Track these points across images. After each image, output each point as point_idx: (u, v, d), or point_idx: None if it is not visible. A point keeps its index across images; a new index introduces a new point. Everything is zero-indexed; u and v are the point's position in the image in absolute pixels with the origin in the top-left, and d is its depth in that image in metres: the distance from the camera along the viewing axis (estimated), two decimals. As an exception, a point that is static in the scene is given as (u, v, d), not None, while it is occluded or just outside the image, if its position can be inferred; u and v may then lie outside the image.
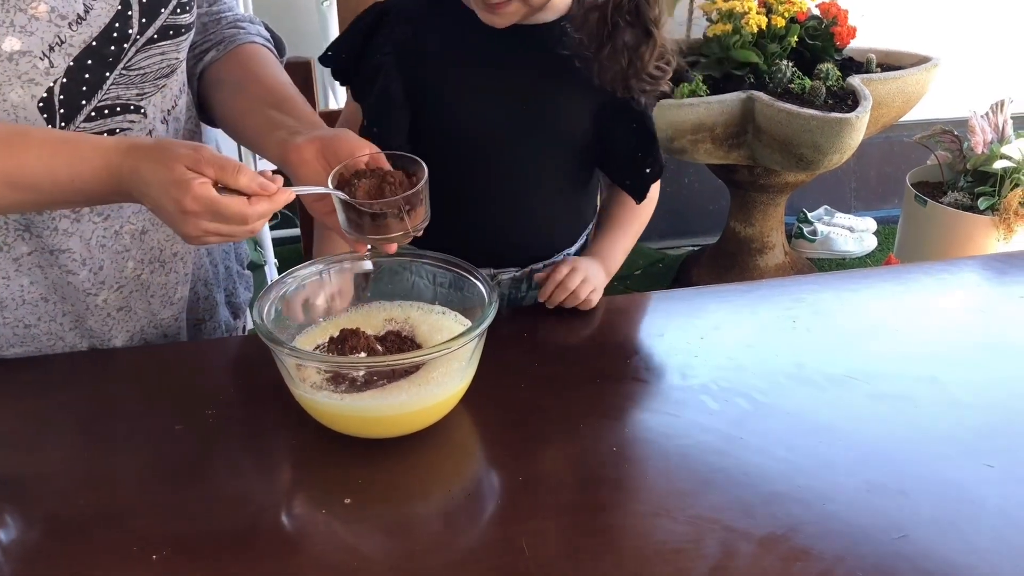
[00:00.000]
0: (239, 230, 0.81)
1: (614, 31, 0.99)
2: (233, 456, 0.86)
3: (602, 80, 1.03)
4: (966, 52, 2.98)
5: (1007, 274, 1.18)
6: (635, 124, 1.10)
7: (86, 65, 0.91)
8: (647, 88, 1.04)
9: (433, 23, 1.07)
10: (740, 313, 1.09)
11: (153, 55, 0.97)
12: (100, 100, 0.94)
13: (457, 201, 1.10)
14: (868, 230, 3.02)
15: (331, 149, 0.90)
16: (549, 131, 1.09)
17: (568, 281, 1.05)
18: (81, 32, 0.89)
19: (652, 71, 1.03)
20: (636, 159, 1.11)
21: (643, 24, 1.00)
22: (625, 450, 0.86)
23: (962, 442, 0.86)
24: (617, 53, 1.00)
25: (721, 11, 2.35)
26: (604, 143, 1.11)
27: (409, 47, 1.06)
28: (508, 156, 1.09)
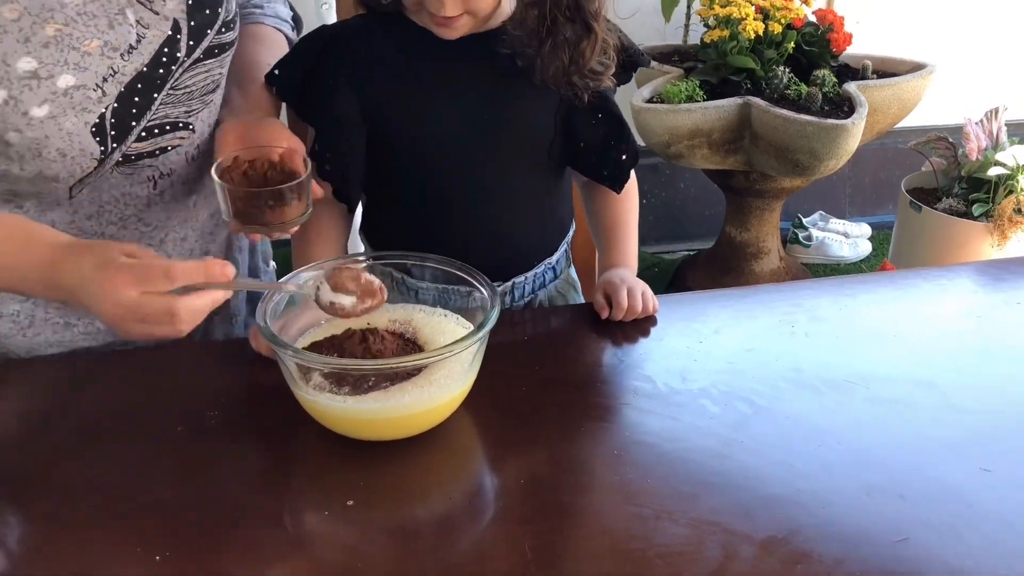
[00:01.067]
0: (170, 331, 0.80)
1: (554, 27, 0.98)
2: (235, 458, 0.86)
3: (544, 77, 1.01)
4: (961, 59, 3.00)
5: (1003, 280, 1.19)
6: (600, 114, 1.09)
7: (136, 89, 0.94)
8: (590, 84, 1.03)
9: (385, 42, 1.06)
10: (739, 317, 1.10)
11: (199, 73, 1.00)
12: (149, 120, 0.97)
13: (428, 217, 1.11)
14: (863, 236, 3.03)
15: (251, 135, 0.97)
16: (512, 135, 1.08)
17: (634, 303, 1.06)
18: (132, 61, 0.93)
19: (594, 66, 1.02)
20: (609, 148, 1.10)
21: (583, 19, 0.99)
22: (626, 453, 0.87)
23: (960, 446, 0.87)
24: (558, 49, 0.99)
25: (718, 17, 2.36)
26: (572, 139, 1.10)
27: (362, 67, 1.05)
28: (474, 165, 1.08)
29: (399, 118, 1.06)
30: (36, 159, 0.91)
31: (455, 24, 0.99)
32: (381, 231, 1.17)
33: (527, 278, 1.15)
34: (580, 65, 1.01)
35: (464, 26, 1.00)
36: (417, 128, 1.06)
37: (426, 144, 1.07)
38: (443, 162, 1.08)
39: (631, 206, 1.19)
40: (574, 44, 1.00)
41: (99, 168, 0.96)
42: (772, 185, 2.50)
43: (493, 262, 0.95)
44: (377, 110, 1.05)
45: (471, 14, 0.98)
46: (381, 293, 0.89)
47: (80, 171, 0.95)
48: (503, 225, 1.12)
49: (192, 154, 1.04)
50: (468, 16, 0.98)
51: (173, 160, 1.02)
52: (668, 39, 2.67)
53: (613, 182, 1.13)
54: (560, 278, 1.21)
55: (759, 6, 2.39)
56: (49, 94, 0.88)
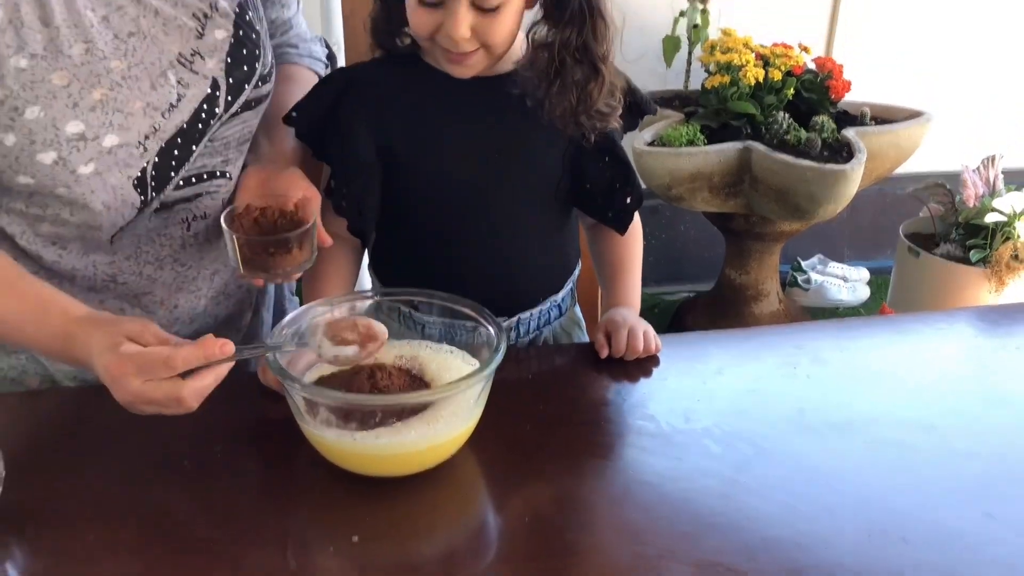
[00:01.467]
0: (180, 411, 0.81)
1: (562, 68, 1.01)
2: (240, 492, 0.86)
3: (551, 117, 1.04)
4: (957, 107, 3.04)
5: (1002, 325, 1.20)
6: (607, 157, 1.11)
7: (176, 143, 0.97)
8: (597, 124, 1.05)
9: (400, 84, 1.09)
10: (742, 358, 1.11)
11: (235, 126, 1.03)
12: (188, 171, 1.00)
13: (437, 254, 1.13)
14: (861, 280, 3.05)
15: (270, 184, 1.02)
16: (522, 176, 1.10)
17: (635, 343, 1.07)
18: (173, 118, 0.96)
19: (601, 107, 1.04)
20: (615, 191, 1.13)
21: (591, 61, 1.01)
22: (629, 492, 0.87)
23: (962, 491, 0.87)
24: (566, 90, 1.02)
25: (719, 63, 2.39)
26: (579, 181, 1.12)
27: (377, 109, 1.07)
28: (484, 205, 1.10)
29: (412, 158, 1.08)
30: (83, 211, 0.95)
31: (469, 61, 1.01)
32: (390, 267, 1.19)
33: (532, 315, 1.17)
34: (587, 106, 1.03)
35: (478, 63, 1.02)
36: (429, 168, 1.08)
37: (438, 183, 1.09)
38: (454, 201, 1.10)
39: (635, 247, 1.21)
40: (582, 85, 1.02)
41: (139, 216, 0.99)
42: (771, 228, 2.52)
43: (499, 299, 0.97)
44: (391, 150, 1.08)
45: (486, 49, 1.00)
46: (381, 334, 0.90)
47: (122, 220, 0.98)
48: (510, 263, 1.14)
49: (226, 198, 1.07)
50: (482, 52, 1.01)
51: (207, 204, 1.05)
52: (669, 84, 2.71)
53: (617, 224, 1.15)
54: (565, 316, 1.22)
55: (759, 53, 2.43)
56: (95, 153, 0.91)
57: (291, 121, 1.09)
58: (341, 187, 1.08)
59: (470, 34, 0.97)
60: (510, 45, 1.03)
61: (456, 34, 0.96)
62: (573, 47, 1.00)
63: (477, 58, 1.01)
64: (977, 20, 3.00)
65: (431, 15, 0.98)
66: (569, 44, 1.00)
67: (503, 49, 1.02)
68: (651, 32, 2.67)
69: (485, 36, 0.98)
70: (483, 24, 0.97)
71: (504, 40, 1.00)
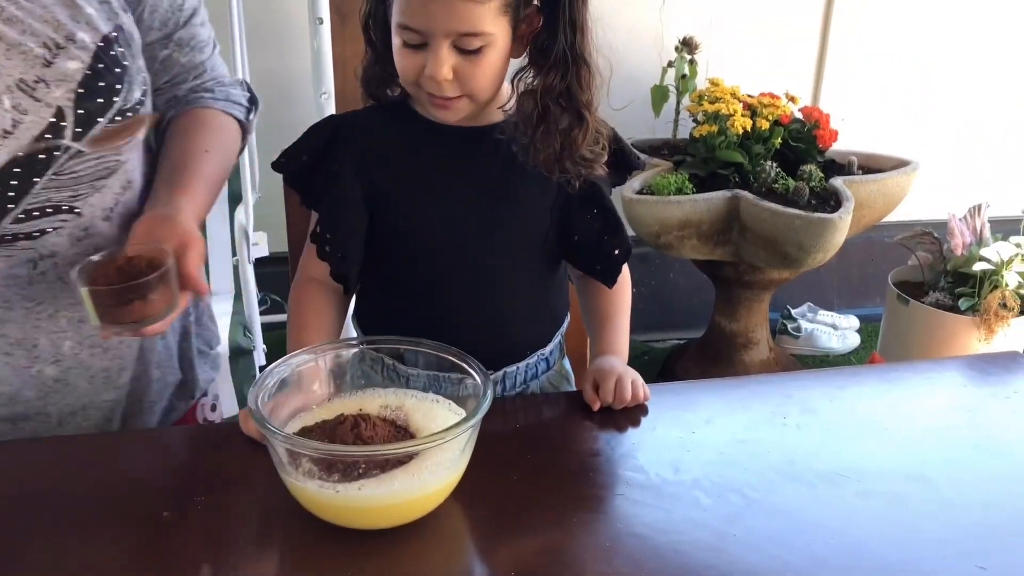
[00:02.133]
0: None
1: (546, 114, 1.02)
2: (222, 545, 0.84)
3: (535, 162, 1.04)
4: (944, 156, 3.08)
5: (991, 374, 1.20)
6: (596, 209, 1.11)
7: (12, 173, 0.93)
8: (582, 171, 1.05)
9: (390, 132, 1.09)
10: (731, 408, 1.10)
11: (89, 160, 0.99)
12: (29, 203, 0.96)
13: (421, 304, 1.12)
14: (851, 328, 3.05)
15: (155, 232, 0.97)
16: (510, 227, 1.10)
17: (623, 392, 1.06)
18: (7, 145, 0.92)
19: (585, 154, 1.04)
20: (603, 243, 1.12)
21: (575, 108, 1.02)
22: (618, 545, 0.85)
23: (953, 542, 0.86)
24: (550, 136, 1.02)
25: (707, 113, 2.42)
26: (567, 233, 1.11)
27: (366, 156, 1.07)
28: (471, 255, 1.09)
29: (400, 207, 1.08)
30: None
31: (454, 106, 1.01)
32: (373, 317, 1.17)
33: (519, 368, 1.15)
34: (571, 151, 1.03)
35: (463, 109, 1.02)
36: (416, 217, 1.08)
37: (424, 233, 1.08)
38: (440, 251, 1.09)
39: (624, 296, 1.20)
40: (566, 132, 1.02)
41: None
42: (761, 276, 2.52)
43: (485, 351, 0.95)
44: (379, 198, 1.07)
45: (469, 97, 1.01)
46: None
47: None
48: (496, 315, 1.13)
49: (78, 236, 1.01)
50: (467, 99, 1.01)
51: (54, 242, 1.00)
52: (658, 133, 2.73)
53: (605, 277, 1.14)
54: (553, 369, 1.21)
55: (747, 103, 2.46)
56: None
57: (279, 167, 1.09)
58: (325, 232, 1.07)
59: (452, 76, 0.97)
60: (495, 92, 1.03)
61: (437, 74, 0.97)
62: (557, 93, 1.01)
63: (461, 104, 1.01)
64: (964, 71, 3.05)
65: (415, 57, 0.98)
66: (553, 90, 1.00)
67: (487, 95, 1.02)
68: (640, 81, 2.70)
69: (467, 80, 0.98)
70: (465, 67, 0.98)
71: (487, 86, 1.01)
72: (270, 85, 2.64)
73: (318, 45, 2.09)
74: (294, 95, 2.63)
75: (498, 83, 1.03)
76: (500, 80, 1.03)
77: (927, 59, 3.00)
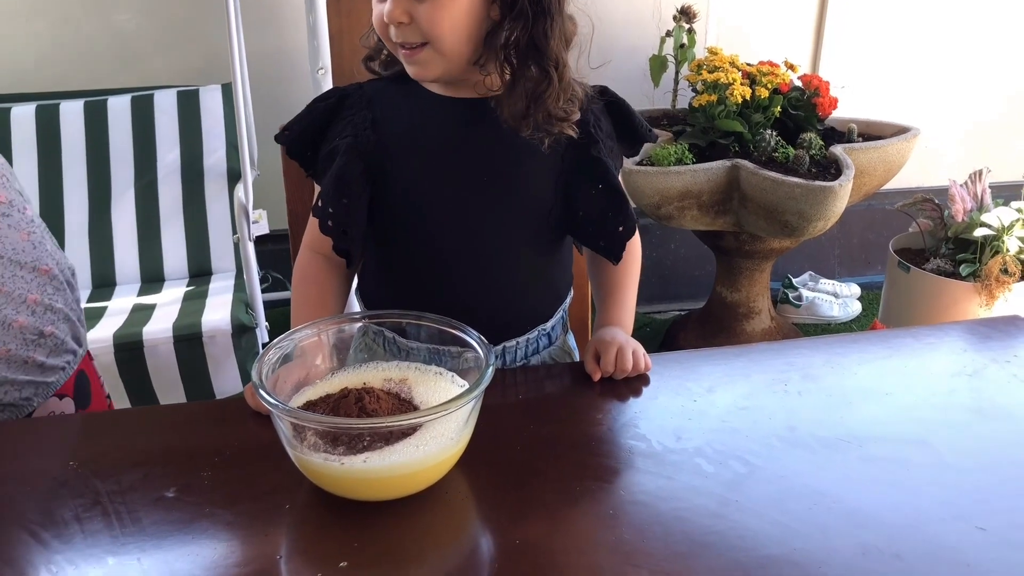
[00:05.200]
0: None
1: (512, 69, 1.01)
2: (228, 519, 0.85)
3: (504, 118, 1.03)
4: (944, 123, 3.07)
5: (992, 339, 1.20)
6: (600, 185, 1.09)
7: None
8: (551, 130, 1.04)
9: (392, 104, 1.09)
10: (732, 376, 1.11)
11: None
12: None
13: (423, 278, 1.12)
14: (852, 296, 3.06)
15: None
16: (512, 201, 1.09)
17: (624, 362, 1.06)
18: None
19: (554, 111, 1.02)
20: (607, 220, 1.10)
21: (541, 63, 1.00)
22: (621, 513, 0.86)
23: (954, 505, 0.87)
24: (516, 92, 1.01)
25: (706, 82, 2.41)
26: (571, 209, 1.10)
27: (369, 130, 1.07)
28: (472, 229, 1.09)
29: (402, 179, 1.07)
30: None
31: (416, 56, 1.01)
32: (376, 291, 1.18)
33: (519, 343, 1.16)
34: (538, 108, 1.02)
35: (429, 61, 1.01)
36: (418, 190, 1.08)
37: (427, 206, 1.08)
38: (442, 225, 1.09)
39: (632, 269, 1.20)
40: (532, 88, 1.01)
41: None
42: (761, 246, 2.52)
43: (485, 325, 0.95)
44: (381, 171, 1.07)
45: (433, 46, 0.99)
46: None
47: None
48: (498, 289, 1.13)
49: None
50: (430, 49, 1.00)
51: None
52: (657, 103, 2.72)
53: (609, 253, 1.13)
54: (555, 345, 1.21)
55: (746, 72, 2.45)
56: None
57: (281, 139, 1.09)
58: (328, 206, 1.07)
59: (407, 19, 0.97)
60: (463, 46, 1.00)
61: (391, 15, 0.97)
62: (522, 45, 0.99)
63: (427, 54, 1.00)
64: (963, 36, 3.03)
65: (380, 6, 0.99)
66: (517, 42, 0.99)
67: (451, 45, 1.00)
68: (638, 52, 2.69)
69: (426, 24, 0.97)
70: (422, 11, 0.97)
71: (448, 32, 0.98)
72: (267, 61, 2.63)
73: (314, 20, 2.08)
74: (291, 71, 2.62)
75: (466, 35, 1.00)
76: (469, 34, 1.00)
77: (926, 25, 2.98)
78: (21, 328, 1.13)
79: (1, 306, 1.11)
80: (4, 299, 1.11)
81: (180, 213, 2.37)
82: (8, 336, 1.11)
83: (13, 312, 1.12)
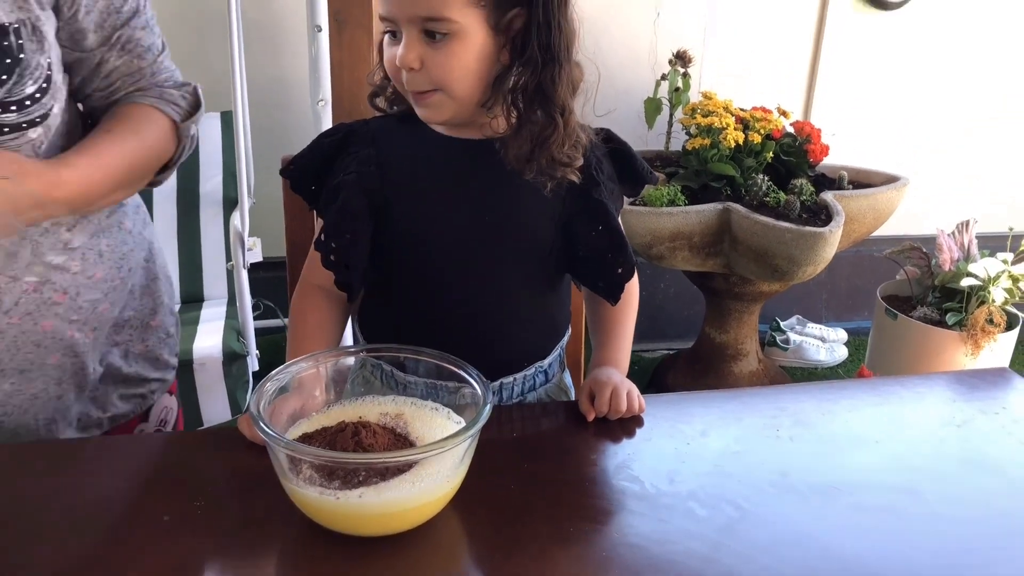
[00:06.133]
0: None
1: (519, 113, 1.02)
2: (221, 550, 0.85)
3: (508, 160, 1.04)
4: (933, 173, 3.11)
5: (980, 389, 1.21)
6: (601, 227, 1.10)
7: None
8: (554, 174, 1.05)
9: (397, 142, 1.10)
10: (725, 419, 1.11)
11: None
12: None
13: (423, 313, 1.12)
14: (839, 340, 3.08)
15: None
16: (514, 240, 1.10)
17: (618, 403, 1.07)
18: None
19: (558, 156, 1.04)
20: (606, 260, 1.11)
21: (548, 110, 1.02)
22: (615, 555, 0.86)
23: (945, 556, 0.88)
24: (522, 136, 1.03)
25: (700, 126, 2.44)
26: (571, 249, 1.11)
27: (373, 167, 1.08)
28: (473, 266, 1.10)
29: (404, 216, 1.08)
30: None
31: (429, 101, 1.02)
32: (374, 322, 1.18)
33: (515, 379, 1.16)
34: (543, 152, 1.03)
35: (440, 105, 1.02)
36: (420, 227, 1.08)
37: (428, 243, 1.09)
38: (443, 262, 1.09)
39: (629, 310, 1.21)
40: (537, 133, 1.02)
41: None
42: (751, 288, 2.55)
43: (482, 361, 0.96)
44: (384, 207, 1.08)
45: (444, 91, 1.00)
46: None
47: None
48: (497, 326, 1.13)
49: None
50: (441, 94, 1.01)
51: None
52: (651, 145, 2.76)
53: (608, 294, 1.14)
54: (552, 383, 1.22)
55: (739, 117, 2.48)
56: None
57: (286, 173, 1.10)
58: (330, 240, 1.07)
59: (419, 65, 0.98)
60: (474, 91, 1.02)
61: (404, 60, 0.98)
62: (530, 90, 1.01)
63: (438, 99, 1.01)
64: (953, 88, 3.09)
65: (393, 50, 1.00)
66: (525, 87, 1.01)
67: (462, 91, 1.01)
68: (633, 94, 2.72)
69: (436, 70, 0.98)
70: (433, 56, 0.98)
71: (458, 79, 1.00)
72: (267, 91, 2.65)
73: (315, 52, 2.10)
74: (290, 101, 2.64)
75: (475, 82, 1.01)
76: (479, 80, 1.01)
77: (917, 77, 3.04)
78: (156, 328, 1.26)
79: (148, 309, 1.22)
80: (153, 302, 1.24)
81: (174, 238, 2.38)
82: (147, 334, 1.22)
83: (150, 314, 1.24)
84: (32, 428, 1.11)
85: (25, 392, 1.09)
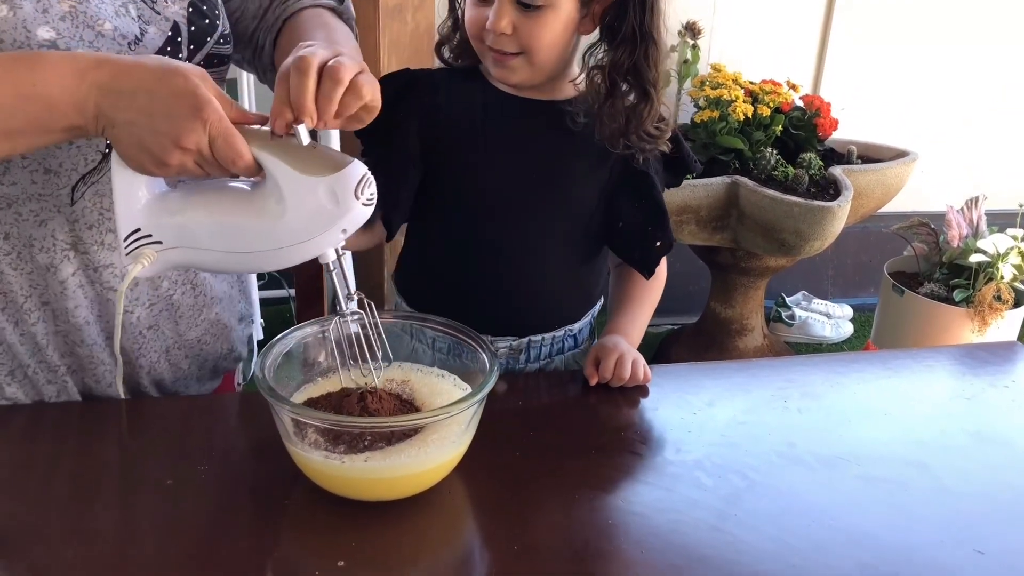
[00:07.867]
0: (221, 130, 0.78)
1: (613, 90, 1.05)
2: (224, 513, 0.84)
3: (601, 136, 1.07)
4: (943, 148, 3.08)
5: (990, 363, 1.21)
6: (644, 199, 1.14)
7: None
8: (645, 146, 1.08)
9: (458, 94, 1.12)
10: (733, 391, 1.11)
11: None
12: None
13: (463, 262, 1.14)
14: (845, 317, 3.07)
15: None
16: (559, 201, 1.12)
17: (622, 370, 1.07)
18: (139, 52, 0.92)
19: (650, 129, 1.07)
20: (645, 233, 1.14)
21: (642, 85, 1.05)
22: (620, 523, 0.86)
23: (952, 527, 0.87)
24: (616, 111, 1.06)
25: (709, 98, 2.42)
26: (613, 217, 1.14)
27: (432, 113, 1.11)
28: (517, 223, 1.12)
29: (456, 167, 1.11)
30: None
31: (509, 63, 1.04)
32: (412, 276, 1.21)
33: (544, 340, 1.17)
34: (636, 126, 1.06)
35: (519, 69, 1.05)
36: (470, 179, 1.11)
37: (475, 196, 1.12)
38: (488, 215, 1.12)
39: (653, 288, 1.22)
40: (632, 107, 1.06)
41: (101, 165, 0.94)
42: (757, 263, 2.53)
43: (514, 317, 0.98)
44: (436, 155, 1.11)
45: (526, 57, 1.03)
46: None
47: (84, 163, 0.93)
48: (532, 283, 1.15)
49: None
50: (523, 59, 1.03)
51: None
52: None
53: (642, 267, 1.16)
54: (580, 348, 1.22)
55: (748, 90, 2.46)
56: None
57: None
58: (379, 176, 1.07)
59: (511, 30, 1.01)
60: (555, 60, 1.05)
61: (496, 25, 1.00)
62: (624, 69, 1.04)
63: (518, 63, 1.04)
64: (964, 63, 3.05)
65: (481, 11, 1.03)
66: (620, 66, 1.04)
67: (544, 59, 1.04)
68: (642, 66, 2.69)
69: (526, 38, 1.01)
70: (524, 24, 1.01)
71: (546, 47, 1.03)
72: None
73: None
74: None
75: (559, 51, 1.05)
76: (562, 49, 1.05)
77: (928, 50, 3.01)
78: None
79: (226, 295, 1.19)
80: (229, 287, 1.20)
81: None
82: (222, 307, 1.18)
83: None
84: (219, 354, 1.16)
85: None
